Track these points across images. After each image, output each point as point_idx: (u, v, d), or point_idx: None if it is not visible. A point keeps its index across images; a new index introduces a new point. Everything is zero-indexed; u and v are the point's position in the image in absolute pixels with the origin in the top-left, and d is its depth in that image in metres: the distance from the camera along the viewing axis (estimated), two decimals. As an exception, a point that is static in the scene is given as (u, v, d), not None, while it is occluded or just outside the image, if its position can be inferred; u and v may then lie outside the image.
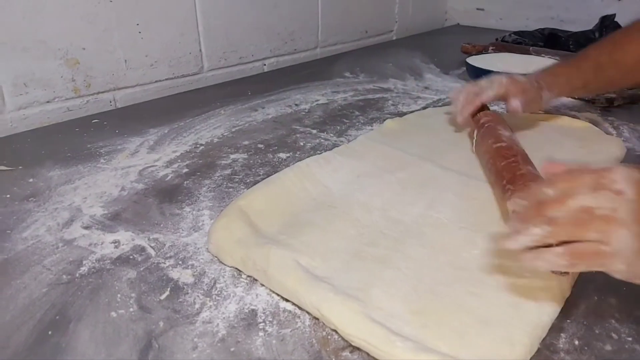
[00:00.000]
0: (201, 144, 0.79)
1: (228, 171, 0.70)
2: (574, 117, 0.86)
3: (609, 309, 0.44)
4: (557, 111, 0.89)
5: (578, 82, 0.73)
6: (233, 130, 0.85)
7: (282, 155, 0.75)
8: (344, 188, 0.61)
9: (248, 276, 0.48)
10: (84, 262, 0.50)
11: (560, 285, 0.43)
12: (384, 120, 0.85)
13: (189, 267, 0.49)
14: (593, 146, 0.72)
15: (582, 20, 1.50)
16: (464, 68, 1.14)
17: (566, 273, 0.39)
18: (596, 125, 0.83)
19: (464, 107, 0.70)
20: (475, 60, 1.11)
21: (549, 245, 0.34)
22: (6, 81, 0.84)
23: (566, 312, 0.43)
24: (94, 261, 0.50)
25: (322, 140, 0.80)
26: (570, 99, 0.97)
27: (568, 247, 0.33)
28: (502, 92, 0.69)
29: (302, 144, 0.79)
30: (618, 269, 0.33)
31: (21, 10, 0.82)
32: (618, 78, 0.69)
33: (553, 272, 0.39)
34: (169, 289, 0.46)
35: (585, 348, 0.39)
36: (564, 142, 0.74)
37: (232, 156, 0.74)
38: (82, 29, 0.90)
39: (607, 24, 1.24)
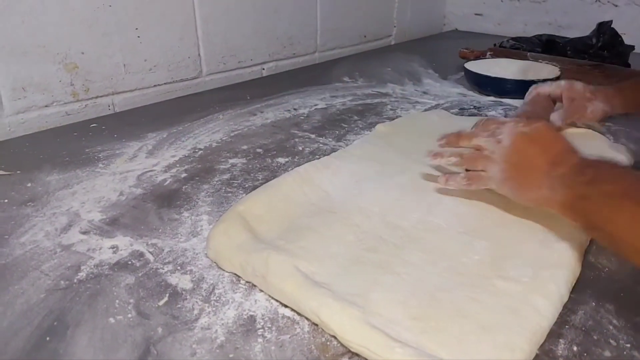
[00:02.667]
0: (200, 149, 0.79)
1: (227, 176, 0.70)
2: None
3: (607, 315, 0.44)
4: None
5: None
6: (232, 134, 0.85)
7: (281, 160, 0.75)
8: (343, 193, 0.61)
9: (247, 282, 0.48)
10: (82, 267, 0.49)
11: (559, 290, 0.44)
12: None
13: (188, 272, 0.49)
14: (601, 154, 0.71)
15: (579, 26, 1.51)
16: (462, 73, 1.15)
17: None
18: (593, 131, 0.83)
19: (527, 94, 0.84)
20: (474, 66, 1.12)
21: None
22: (5, 85, 0.83)
23: (565, 318, 0.43)
24: (92, 267, 0.50)
25: (320, 145, 0.80)
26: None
27: (467, 174, 0.54)
28: (557, 92, 0.80)
29: (300, 148, 0.79)
30: (493, 187, 0.52)
31: (21, 14, 0.82)
32: None
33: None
34: (167, 294, 0.46)
35: (584, 354, 0.39)
36: None
37: (230, 161, 0.74)
38: (81, 34, 0.90)
39: (604, 30, 1.24)
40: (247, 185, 0.67)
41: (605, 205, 0.40)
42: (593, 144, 0.75)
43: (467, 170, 0.56)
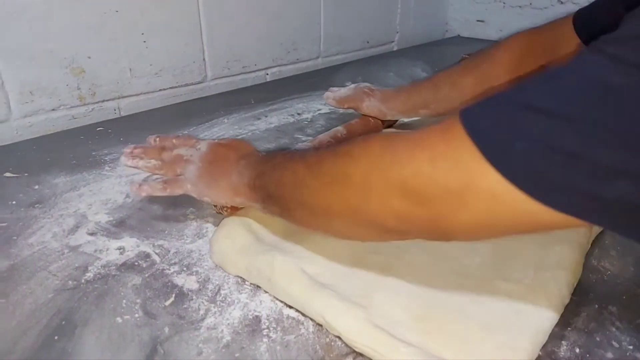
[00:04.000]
0: (205, 152, 0.79)
1: (231, 179, 0.70)
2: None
3: (609, 317, 0.44)
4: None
5: (417, 100, 0.76)
6: (236, 138, 0.85)
7: (285, 164, 0.75)
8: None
9: (252, 282, 0.48)
10: (90, 268, 0.50)
11: (560, 291, 0.44)
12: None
13: (194, 273, 0.50)
14: None
15: (581, 32, 1.52)
16: (465, 78, 1.15)
17: (226, 210, 0.56)
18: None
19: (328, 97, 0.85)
20: (476, 71, 1.12)
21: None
22: (13, 89, 0.84)
23: (567, 320, 0.43)
24: (100, 267, 0.50)
25: (324, 149, 0.81)
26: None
27: (163, 179, 0.53)
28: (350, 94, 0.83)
29: (304, 152, 0.80)
30: (189, 189, 0.52)
31: (28, 19, 0.83)
32: (455, 98, 0.70)
33: (217, 212, 0.58)
34: (173, 295, 0.46)
35: (587, 356, 0.40)
36: None
37: (235, 164, 0.75)
38: (88, 38, 0.92)
39: (606, 36, 1.25)
40: (251, 188, 0.67)
41: (275, 170, 0.44)
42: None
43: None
